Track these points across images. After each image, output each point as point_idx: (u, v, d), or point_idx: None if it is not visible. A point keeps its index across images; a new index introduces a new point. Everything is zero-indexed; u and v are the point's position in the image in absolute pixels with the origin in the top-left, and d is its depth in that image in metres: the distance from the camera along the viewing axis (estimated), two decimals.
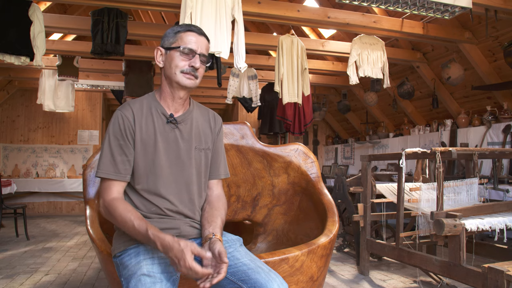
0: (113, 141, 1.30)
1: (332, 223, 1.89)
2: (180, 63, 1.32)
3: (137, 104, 1.36)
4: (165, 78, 1.37)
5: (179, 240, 1.12)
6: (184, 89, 1.36)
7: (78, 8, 6.07)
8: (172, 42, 1.34)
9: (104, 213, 1.28)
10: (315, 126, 8.37)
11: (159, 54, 1.37)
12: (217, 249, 1.18)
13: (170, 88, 1.36)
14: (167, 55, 1.35)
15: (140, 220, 1.20)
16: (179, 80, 1.32)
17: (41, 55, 3.57)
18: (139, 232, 1.18)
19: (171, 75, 1.33)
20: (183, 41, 1.33)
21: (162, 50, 1.36)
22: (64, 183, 6.58)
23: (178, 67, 1.32)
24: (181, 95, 1.37)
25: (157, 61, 1.38)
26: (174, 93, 1.36)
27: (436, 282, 2.87)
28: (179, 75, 1.32)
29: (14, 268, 3.33)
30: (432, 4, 3.13)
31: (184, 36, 1.33)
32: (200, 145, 1.41)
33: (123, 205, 1.25)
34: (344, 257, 3.79)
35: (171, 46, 1.34)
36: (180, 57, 1.32)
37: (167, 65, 1.35)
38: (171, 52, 1.34)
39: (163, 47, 1.36)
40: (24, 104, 7.11)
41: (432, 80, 5.21)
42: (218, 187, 1.49)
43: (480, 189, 2.86)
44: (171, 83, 1.35)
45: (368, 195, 3.11)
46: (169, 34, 1.37)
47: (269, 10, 3.73)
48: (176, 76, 1.32)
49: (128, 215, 1.21)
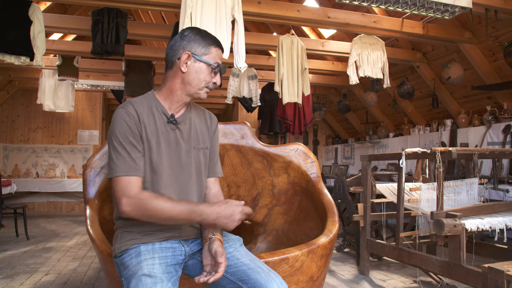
0: (123, 139, 1.26)
1: (332, 223, 1.89)
2: (207, 78, 1.35)
3: (138, 103, 1.34)
4: (182, 84, 1.34)
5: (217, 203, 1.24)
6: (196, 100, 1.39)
7: (78, 8, 6.07)
8: (204, 53, 1.33)
9: (131, 211, 1.20)
10: (315, 126, 8.37)
11: (187, 59, 1.33)
12: (213, 248, 1.20)
13: (182, 93, 1.35)
14: (195, 64, 1.33)
15: (176, 202, 1.24)
16: (201, 95, 1.37)
17: (41, 55, 3.57)
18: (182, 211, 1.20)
19: (193, 86, 1.34)
20: (213, 57, 1.35)
21: (192, 57, 1.33)
22: (64, 183, 6.58)
23: (206, 82, 1.35)
24: (188, 100, 1.39)
25: (181, 65, 1.32)
26: (183, 98, 1.37)
27: (436, 282, 2.87)
28: (203, 90, 1.36)
29: (14, 268, 3.33)
30: (432, 4, 3.13)
31: (215, 52, 1.35)
32: (198, 145, 1.41)
33: (152, 195, 1.23)
34: (344, 257, 3.79)
35: (203, 58, 1.33)
36: (210, 73, 1.35)
37: (193, 74, 1.33)
38: (202, 64, 1.33)
39: (193, 54, 1.33)
40: (24, 104, 7.11)
41: (432, 80, 5.21)
42: (216, 185, 1.49)
43: (480, 189, 2.86)
44: (189, 91, 1.35)
45: (368, 195, 3.11)
46: (199, 42, 1.34)
47: (269, 10, 3.73)
48: (200, 91, 1.35)
49: (163, 201, 1.21)
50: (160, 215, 1.20)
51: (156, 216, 1.20)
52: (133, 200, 1.20)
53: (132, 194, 1.21)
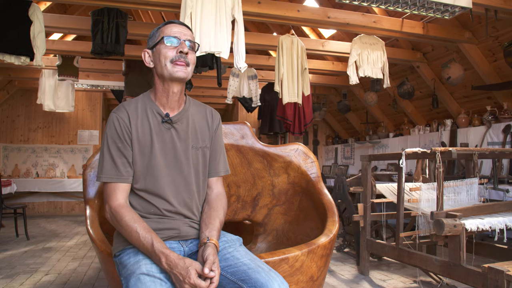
0: (111, 144, 1.30)
1: (332, 223, 1.89)
2: (168, 53, 1.31)
3: (132, 105, 1.35)
4: (158, 76, 1.36)
5: (184, 258, 1.15)
6: (177, 82, 1.34)
7: (78, 8, 6.07)
8: (154, 41, 1.35)
9: (110, 219, 1.28)
10: (315, 126, 8.37)
11: (147, 56, 1.37)
12: (205, 254, 1.18)
13: (163, 85, 1.35)
14: (154, 53, 1.35)
15: (146, 233, 1.20)
16: (171, 71, 1.30)
17: (41, 55, 3.57)
18: (144, 244, 1.19)
19: (162, 70, 1.32)
20: (165, 33, 1.33)
21: (149, 51, 1.37)
22: (64, 183, 6.58)
23: (167, 57, 1.31)
24: (175, 89, 1.35)
25: (146, 63, 1.37)
26: (168, 89, 1.34)
27: (436, 282, 2.87)
28: (169, 66, 1.30)
29: (14, 268, 3.33)
30: (432, 4, 3.13)
31: (164, 29, 1.34)
32: (197, 144, 1.40)
33: (130, 214, 1.24)
34: (344, 257, 3.79)
35: (155, 42, 1.34)
36: (167, 47, 1.32)
37: (156, 61, 1.34)
38: (157, 47, 1.34)
39: (148, 48, 1.37)
40: (24, 104, 7.11)
41: (432, 80, 5.21)
42: (218, 185, 1.48)
43: (480, 189, 2.86)
44: (163, 77, 1.33)
45: (368, 195, 3.11)
46: (152, 35, 1.38)
47: (269, 10, 3.73)
48: (167, 68, 1.31)
49: (134, 226, 1.21)
50: (129, 238, 1.24)
51: (125, 235, 1.25)
52: (112, 210, 1.26)
53: (112, 205, 1.27)
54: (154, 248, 1.16)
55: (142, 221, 1.24)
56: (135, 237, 1.21)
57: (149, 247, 1.18)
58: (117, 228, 1.27)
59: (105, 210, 1.28)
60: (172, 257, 1.14)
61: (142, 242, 1.19)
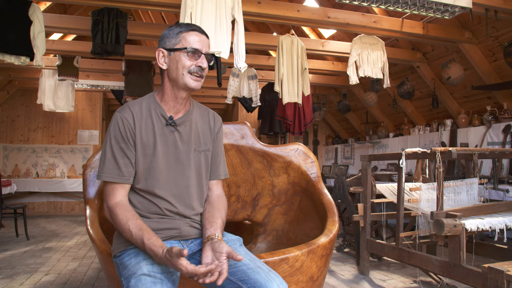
0: (114, 144, 1.30)
1: (332, 223, 1.89)
2: (187, 63, 1.30)
3: (136, 106, 1.35)
4: (169, 80, 1.35)
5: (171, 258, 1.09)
6: (189, 91, 1.35)
7: (78, 8, 6.07)
8: (175, 43, 1.32)
9: (108, 218, 1.30)
10: (315, 126, 8.37)
11: (161, 56, 1.34)
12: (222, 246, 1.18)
13: (173, 90, 1.34)
14: (171, 57, 1.33)
15: (138, 230, 1.20)
16: (187, 82, 1.31)
17: (41, 55, 3.57)
18: (137, 242, 1.20)
19: (177, 77, 1.31)
20: (187, 42, 1.31)
21: (165, 52, 1.34)
22: (64, 183, 6.58)
23: (185, 67, 1.30)
24: (184, 95, 1.35)
25: (159, 63, 1.35)
26: (177, 95, 1.35)
27: (436, 282, 2.87)
28: (186, 76, 1.31)
29: (14, 268, 3.33)
30: (432, 4, 3.13)
31: (187, 36, 1.32)
32: (199, 147, 1.41)
33: (124, 213, 1.25)
34: (344, 257, 3.79)
35: (175, 47, 1.32)
36: (187, 57, 1.31)
37: (172, 66, 1.32)
38: (176, 53, 1.31)
39: (165, 49, 1.34)
40: (24, 104, 7.11)
41: (432, 80, 5.21)
42: (218, 187, 1.49)
43: (480, 189, 2.86)
44: (177, 84, 1.33)
45: (368, 195, 3.11)
46: (170, 35, 1.34)
47: (269, 10, 3.73)
48: (184, 78, 1.31)
49: (127, 224, 1.22)
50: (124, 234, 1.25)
51: (121, 231, 1.26)
52: (110, 209, 1.28)
53: (110, 204, 1.28)
54: (145, 246, 1.17)
55: (136, 219, 1.24)
56: (128, 236, 1.22)
57: (141, 244, 1.19)
58: (114, 225, 1.29)
59: (104, 208, 1.31)
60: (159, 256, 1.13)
61: (135, 240, 1.20)
